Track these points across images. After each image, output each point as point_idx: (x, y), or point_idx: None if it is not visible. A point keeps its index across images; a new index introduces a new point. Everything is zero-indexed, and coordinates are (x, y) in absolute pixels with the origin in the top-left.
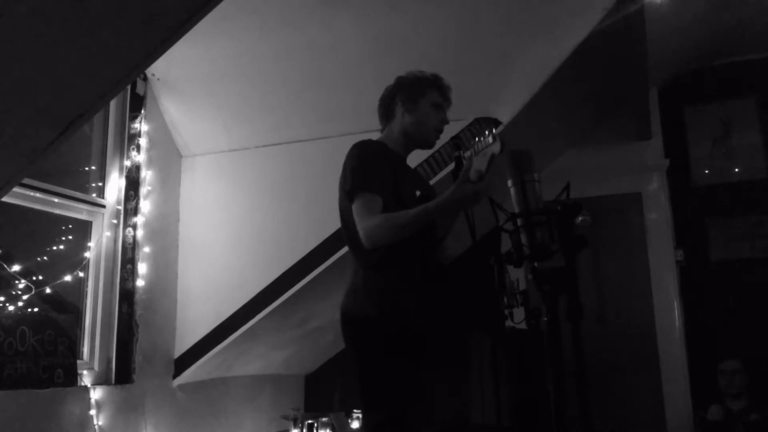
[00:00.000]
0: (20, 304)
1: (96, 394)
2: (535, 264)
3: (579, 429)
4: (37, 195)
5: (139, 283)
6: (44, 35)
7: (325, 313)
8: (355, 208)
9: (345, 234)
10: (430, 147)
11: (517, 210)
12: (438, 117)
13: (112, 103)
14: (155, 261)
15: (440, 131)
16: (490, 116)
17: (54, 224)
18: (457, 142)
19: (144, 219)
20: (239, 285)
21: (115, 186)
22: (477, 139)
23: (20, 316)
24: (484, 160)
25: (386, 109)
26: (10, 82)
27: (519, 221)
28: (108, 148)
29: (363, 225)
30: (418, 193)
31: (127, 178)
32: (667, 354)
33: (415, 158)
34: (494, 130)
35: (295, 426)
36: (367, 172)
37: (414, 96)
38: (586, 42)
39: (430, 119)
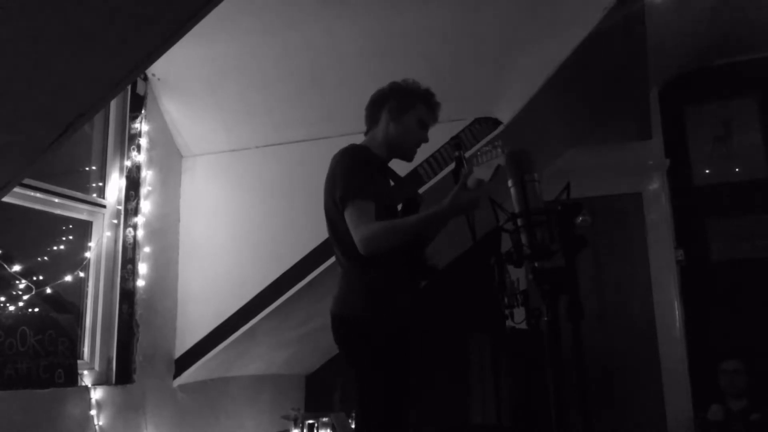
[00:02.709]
0: (21, 304)
1: (96, 394)
2: (536, 264)
3: (579, 429)
4: (38, 195)
5: (140, 283)
6: (44, 35)
7: (326, 313)
8: (349, 215)
9: (333, 237)
10: (408, 159)
11: (517, 210)
12: (419, 135)
13: (113, 103)
14: (155, 261)
15: (418, 146)
16: (490, 116)
17: (54, 224)
18: (457, 142)
19: (144, 219)
20: (239, 285)
21: (115, 186)
22: (485, 149)
23: (21, 316)
24: (488, 170)
25: (373, 112)
26: (10, 82)
27: (519, 221)
28: (108, 148)
29: (360, 232)
30: (402, 198)
31: (128, 178)
32: (667, 354)
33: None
34: (500, 142)
35: (296, 426)
36: (358, 178)
37: (402, 107)
38: (586, 42)
39: (411, 133)
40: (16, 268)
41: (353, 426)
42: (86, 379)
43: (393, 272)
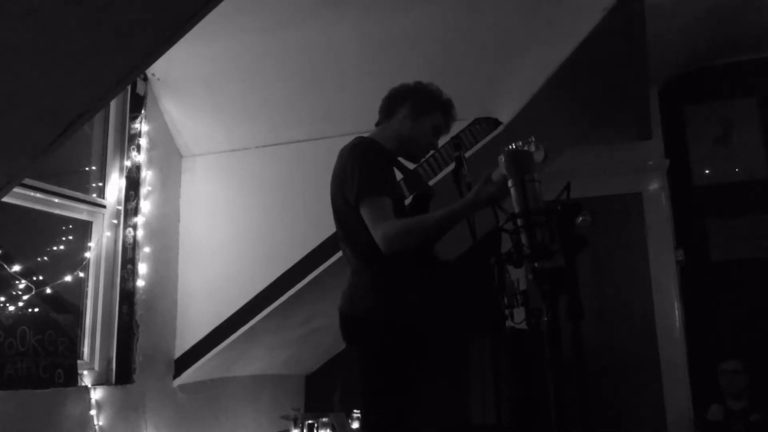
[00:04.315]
0: (21, 304)
1: (96, 394)
2: (535, 264)
3: (579, 429)
4: (38, 195)
5: (140, 283)
6: (44, 35)
7: (326, 313)
8: (367, 213)
9: (342, 234)
10: (415, 161)
11: (517, 210)
12: (431, 139)
13: (113, 103)
14: (155, 261)
15: (428, 151)
16: (490, 116)
17: (54, 224)
18: (457, 142)
19: (144, 219)
20: (239, 285)
21: (115, 186)
22: (519, 143)
23: (21, 316)
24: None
25: (391, 105)
26: (11, 82)
27: (519, 221)
28: (108, 149)
29: (381, 231)
30: (409, 195)
31: (128, 178)
32: (667, 354)
33: None
34: (533, 139)
35: (296, 426)
36: (372, 174)
37: (424, 108)
38: (586, 42)
39: (425, 136)
40: (16, 268)
41: (354, 426)
42: (86, 379)
43: (403, 271)
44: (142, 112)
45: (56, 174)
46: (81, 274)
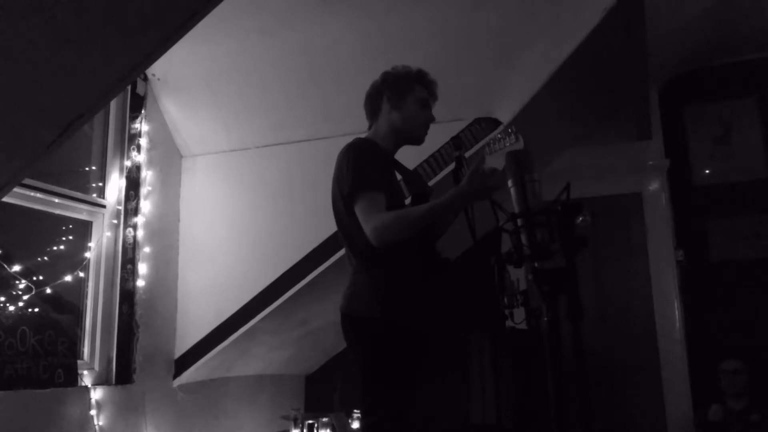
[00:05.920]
0: (20, 304)
1: (96, 394)
2: (536, 264)
3: (579, 429)
4: (38, 195)
5: (140, 283)
6: (44, 35)
7: (326, 313)
8: (359, 208)
9: (342, 234)
10: (419, 143)
11: (517, 210)
12: (424, 114)
13: (113, 103)
14: (155, 261)
15: (427, 127)
16: (490, 116)
17: (54, 224)
18: (457, 142)
19: (144, 219)
20: (239, 285)
21: (115, 186)
22: (499, 136)
23: (20, 317)
24: (502, 158)
25: (373, 105)
26: (11, 82)
27: (519, 221)
28: (108, 148)
29: (371, 224)
30: (408, 192)
31: (128, 178)
32: (667, 354)
33: (413, 158)
34: (513, 129)
35: (296, 426)
36: (366, 170)
37: (400, 92)
38: (586, 42)
39: (417, 116)
40: (16, 268)
41: (354, 426)
42: (86, 379)
43: (402, 270)
44: (142, 112)
45: (56, 174)
46: (81, 274)
